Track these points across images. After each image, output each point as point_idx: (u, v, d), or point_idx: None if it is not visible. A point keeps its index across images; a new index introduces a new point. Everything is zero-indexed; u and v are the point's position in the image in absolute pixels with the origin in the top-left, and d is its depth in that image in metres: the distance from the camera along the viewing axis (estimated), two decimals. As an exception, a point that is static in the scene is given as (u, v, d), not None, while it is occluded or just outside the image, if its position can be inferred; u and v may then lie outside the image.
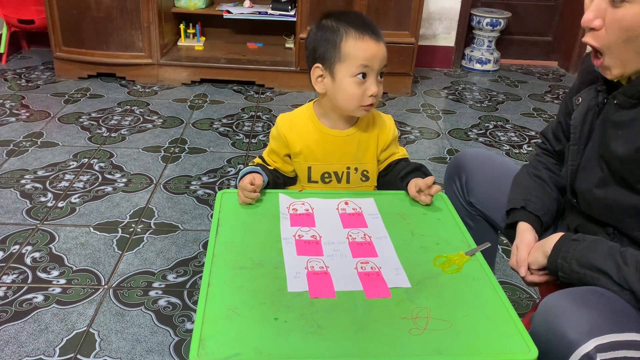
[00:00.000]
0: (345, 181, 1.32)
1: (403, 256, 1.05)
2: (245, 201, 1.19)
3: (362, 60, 1.18)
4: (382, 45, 1.20)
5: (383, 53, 1.21)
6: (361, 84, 1.20)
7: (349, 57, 1.19)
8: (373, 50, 1.19)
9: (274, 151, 1.32)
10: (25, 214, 2.01)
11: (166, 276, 1.74)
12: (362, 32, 1.19)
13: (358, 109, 1.23)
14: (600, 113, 1.06)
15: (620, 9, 0.91)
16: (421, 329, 0.87)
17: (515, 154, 2.74)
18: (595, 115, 1.07)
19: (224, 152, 2.58)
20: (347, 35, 1.19)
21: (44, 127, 2.71)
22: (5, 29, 3.50)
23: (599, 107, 1.06)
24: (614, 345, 0.83)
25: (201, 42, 3.62)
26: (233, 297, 0.91)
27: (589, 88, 1.09)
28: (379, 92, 1.22)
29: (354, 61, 1.19)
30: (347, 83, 1.20)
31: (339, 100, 1.23)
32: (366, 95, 1.20)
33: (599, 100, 1.06)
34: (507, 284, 1.79)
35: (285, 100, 3.29)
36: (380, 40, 1.21)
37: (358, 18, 1.22)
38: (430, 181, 1.20)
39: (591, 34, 0.96)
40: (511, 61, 4.24)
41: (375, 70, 1.20)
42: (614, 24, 0.92)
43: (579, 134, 1.09)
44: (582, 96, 1.10)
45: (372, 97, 1.21)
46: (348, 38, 1.19)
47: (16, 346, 1.45)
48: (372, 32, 1.19)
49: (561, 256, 1.00)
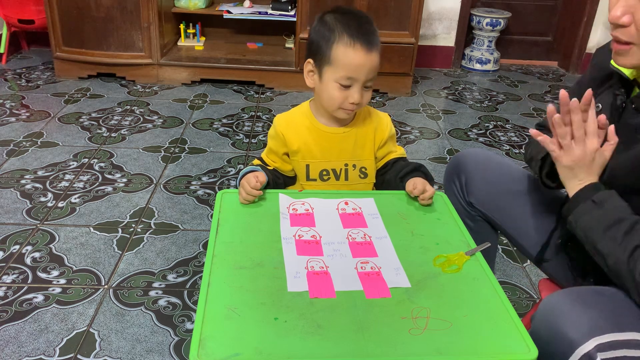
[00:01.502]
0: (344, 178, 1.32)
1: (403, 256, 1.05)
2: (246, 198, 1.19)
3: (347, 71, 1.19)
4: (373, 56, 1.19)
5: (372, 64, 1.19)
6: (344, 90, 1.21)
7: (336, 63, 1.19)
8: (361, 60, 1.18)
9: (273, 151, 1.33)
10: (25, 214, 2.01)
11: (166, 276, 1.74)
12: (354, 40, 1.17)
13: (338, 110, 1.25)
14: (620, 117, 1.05)
15: None
16: (421, 329, 0.87)
17: (515, 154, 2.74)
18: (617, 120, 1.05)
19: (224, 152, 2.58)
20: (339, 39, 1.18)
21: (44, 127, 2.71)
22: (5, 29, 3.50)
23: (619, 111, 1.05)
24: (614, 344, 0.83)
25: (201, 42, 3.62)
26: (233, 297, 0.91)
27: (606, 92, 1.07)
28: (361, 101, 1.22)
29: (339, 69, 1.19)
30: (331, 86, 1.22)
31: (322, 99, 1.26)
32: (348, 101, 1.22)
33: (617, 105, 1.05)
34: (507, 284, 1.79)
35: (285, 100, 3.29)
36: (373, 50, 1.19)
37: (357, 21, 1.21)
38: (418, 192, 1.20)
39: (620, 30, 0.93)
40: (511, 61, 4.24)
41: (360, 81, 1.20)
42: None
43: None
44: (601, 102, 1.07)
45: (353, 104, 1.22)
46: (339, 43, 1.18)
47: (16, 346, 1.45)
48: (364, 41, 1.18)
49: (575, 212, 0.98)
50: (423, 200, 1.21)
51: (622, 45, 0.94)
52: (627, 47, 0.94)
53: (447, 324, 0.88)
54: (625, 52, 0.94)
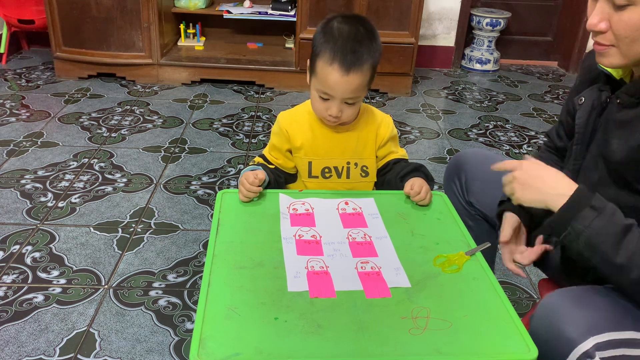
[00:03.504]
0: (345, 176, 1.33)
1: (403, 256, 1.05)
2: (246, 195, 1.19)
3: (324, 87, 1.18)
4: (350, 78, 1.15)
5: (348, 86, 1.17)
6: (324, 102, 1.21)
7: (317, 76, 1.20)
8: (335, 81, 1.16)
9: (276, 147, 1.33)
10: (25, 214, 2.01)
11: (166, 276, 1.74)
12: (334, 59, 1.15)
13: (322, 118, 1.26)
14: (603, 112, 1.06)
15: (625, 11, 0.91)
16: (421, 328, 0.87)
17: (515, 154, 2.74)
18: (599, 114, 1.07)
19: (224, 152, 2.58)
20: (322, 54, 1.17)
21: (44, 127, 2.72)
22: (6, 29, 3.50)
23: (602, 106, 1.07)
24: (613, 343, 0.84)
25: (201, 42, 3.62)
26: (233, 297, 0.91)
27: (591, 88, 1.09)
28: (342, 116, 1.22)
29: (318, 82, 1.20)
30: (313, 94, 1.23)
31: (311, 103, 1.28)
32: (327, 112, 1.22)
33: (602, 100, 1.07)
34: (507, 284, 1.79)
35: (285, 100, 3.29)
36: (351, 72, 1.15)
37: (348, 37, 1.16)
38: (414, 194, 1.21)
39: (599, 36, 0.96)
40: (511, 61, 4.24)
41: (337, 99, 1.19)
42: (620, 25, 0.92)
43: (582, 134, 1.09)
44: (585, 95, 1.09)
45: (331, 117, 1.22)
46: (321, 58, 1.17)
47: (16, 346, 1.45)
48: (344, 62, 1.14)
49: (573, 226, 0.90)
50: (419, 201, 1.21)
51: (602, 47, 0.97)
52: (607, 48, 0.97)
53: (447, 324, 0.88)
54: (606, 53, 0.97)
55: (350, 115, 1.24)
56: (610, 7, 0.92)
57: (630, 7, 0.90)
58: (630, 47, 0.93)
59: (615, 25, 0.92)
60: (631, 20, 0.90)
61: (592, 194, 0.92)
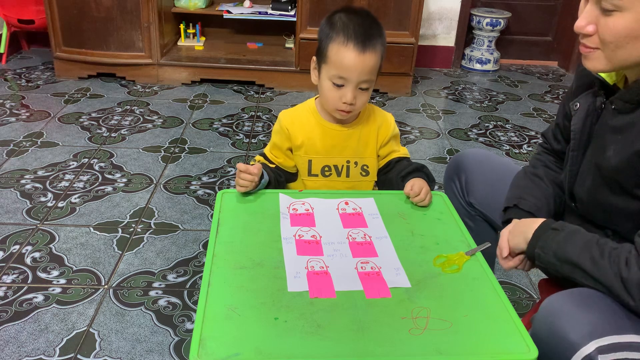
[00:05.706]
0: (345, 175, 1.33)
1: (403, 256, 1.05)
2: (243, 185, 1.19)
3: (338, 70, 1.19)
4: (366, 57, 1.18)
5: (365, 66, 1.18)
6: (338, 90, 1.21)
7: (330, 61, 1.20)
8: (352, 61, 1.17)
9: (277, 145, 1.34)
10: (25, 214, 2.01)
11: (166, 276, 1.74)
12: (348, 39, 1.17)
13: (335, 111, 1.26)
14: (598, 118, 1.06)
15: (611, 17, 0.91)
16: (421, 329, 0.87)
17: (515, 154, 2.74)
18: (594, 120, 1.07)
19: (224, 152, 2.58)
20: (335, 38, 1.19)
21: (44, 127, 2.71)
22: (5, 29, 3.50)
23: (597, 112, 1.07)
24: (615, 346, 0.83)
25: (201, 42, 3.62)
26: (233, 297, 0.91)
27: (586, 93, 1.09)
28: (356, 103, 1.22)
29: (332, 67, 1.20)
30: (326, 85, 1.23)
31: (321, 97, 1.28)
32: (341, 101, 1.22)
33: (597, 105, 1.07)
34: (507, 284, 1.79)
35: (285, 100, 3.29)
36: (367, 50, 1.18)
37: (358, 21, 1.20)
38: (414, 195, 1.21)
39: (586, 39, 0.97)
40: (511, 61, 4.24)
41: (352, 82, 1.20)
42: (605, 30, 0.93)
43: (578, 140, 1.09)
44: (580, 101, 1.10)
45: (346, 104, 1.22)
46: (334, 42, 1.19)
47: (16, 346, 1.45)
48: (358, 41, 1.17)
49: (539, 245, 1.00)
50: (419, 202, 1.21)
51: (587, 49, 0.98)
52: (592, 50, 0.97)
53: (447, 324, 0.88)
54: (590, 56, 0.98)
55: (362, 104, 1.25)
56: (598, 11, 0.93)
57: (616, 13, 0.90)
58: (614, 53, 0.94)
59: (602, 29, 0.93)
60: (616, 26, 0.91)
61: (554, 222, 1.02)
